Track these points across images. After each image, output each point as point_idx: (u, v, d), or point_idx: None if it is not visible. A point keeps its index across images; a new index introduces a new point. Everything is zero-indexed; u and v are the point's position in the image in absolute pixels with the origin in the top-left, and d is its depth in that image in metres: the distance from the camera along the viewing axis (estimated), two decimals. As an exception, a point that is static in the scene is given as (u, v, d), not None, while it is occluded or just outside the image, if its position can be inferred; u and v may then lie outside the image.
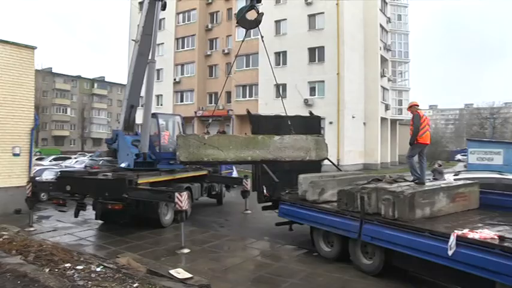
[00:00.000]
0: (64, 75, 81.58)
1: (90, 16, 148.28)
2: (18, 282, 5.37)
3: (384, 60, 40.13)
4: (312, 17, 35.50)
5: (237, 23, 12.85)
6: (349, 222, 8.30)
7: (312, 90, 35.28)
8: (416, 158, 9.51)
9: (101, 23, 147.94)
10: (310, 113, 14.02)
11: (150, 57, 13.73)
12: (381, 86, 38.91)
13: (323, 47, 34.47)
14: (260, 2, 12.53)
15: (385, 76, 39.76)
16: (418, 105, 9.42)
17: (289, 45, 36.15)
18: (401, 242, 7.18)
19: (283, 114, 12.57)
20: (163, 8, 14.60)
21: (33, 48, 15.94)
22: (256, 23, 12.10)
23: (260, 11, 11.93)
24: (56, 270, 6.29)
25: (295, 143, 10.40)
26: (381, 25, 39.47)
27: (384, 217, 7.69)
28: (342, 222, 8.50)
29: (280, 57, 37.14)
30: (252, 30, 39.79)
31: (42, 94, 69.82)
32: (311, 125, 12.86)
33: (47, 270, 6.20)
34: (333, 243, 9.13)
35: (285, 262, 9.21)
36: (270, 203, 11.15)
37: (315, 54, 35.10)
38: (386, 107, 40.49)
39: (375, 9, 38.46)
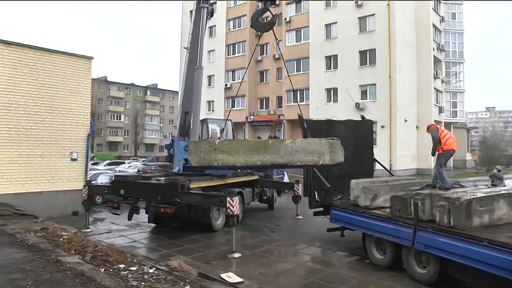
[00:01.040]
0: (118, 83, 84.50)
1: (142, 26, 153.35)
2: (77, 280, 5.60)
3: (437, 61, 38.79)
4: (362, 19, 35.05)
5: (251, 26, 12.87)
6: (402, 229, 8.06)
7: (364, 94, 34.76)
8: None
9: (153, 32, 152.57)
10: (362, 117, 13.79)
11: (197, 64, 13.98)
12: (434, 88, 37.60)
13: (374, 49, 33.94)
14: (274, 3, 12.38)
15: (438, 78, 38.44)
16: (433, 125, 9.82)
17: (340, 48, 35.85)
18: (457, 251, 6.89)
19: (335, 118, 12.49)
20: (211, 14, 14.84)
21: (90, 58, 16.68)
22: (270, 25, 12.03)
23: (274, 13, 11.95)
24: (111, 270, 6.50)
25: (308, 146, 10.16)
26: (433, 25, 38.22)
27: (438, 224, 7.41)
28: (394, 229, 8.27)
29: (331, 61, 36.91)
30: (302, 34, 39.91)
31: (97, 102, 72.46)
32: (363, 129, 12.66)
33: (103, 270, 6.42)
34: (386, 251, 8.87)
35: (337, 268, 9.09)
36: (321, 209, 10.98)
37: (366, 56, 34.59)
38: (440, 110, 39.05)
39: (427, 8, 37.29)
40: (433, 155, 9.66)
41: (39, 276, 5.72)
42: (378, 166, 12.89)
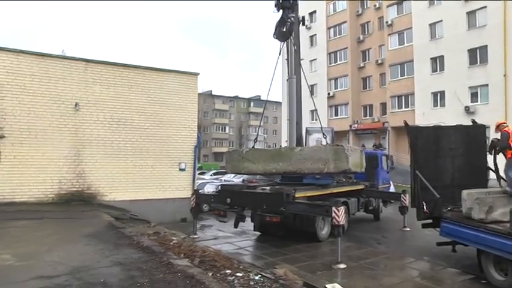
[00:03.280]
0: (223, 96, 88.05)
1: (241, 40, 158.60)
2: (187, 282, 5.85)
3: None
4: (471, 14, 32.78)
5: (273, 37, 12.99)
6: (527, 248, 7.07)
7: (474, 96, 32.47)
8: None
9: (253, 45, 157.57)
10: (473, 121, 12.83)
11: (289, 74, 14.03)
12: (562, 85, 33.77)
13: (485, 46, 31.50)
14: (292, 12, 12.37)
15: None
16: (505, 123, 9.31)
17: (447, 48, 33.92)
18: None
19: (443, 124, 11.82)
20: (302, 22, 14.83)
21: (196, 74, 17.61)
22: (289, 32, 12.28)
23: (300, 19, 12.43)
24: (218, 275, 6.66)
25: (314, 154, 10.15)
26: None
27: None
28: (517, 247, 7.32)
29: (437, 63, 35.12)
30: (405, 36, 38.44)
31: (203, 115, 76.22)
32: (474, 135, 11.77)
33: (210, 274, 6.58)
34: (507, 271, 7.88)
35: (448, 287, 8.46)
36: (430, 221, 10.37)
37: (476, 55, 32.28)
38: None
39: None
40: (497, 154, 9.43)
41: (153, 275, 6.12)
42: (492, 175, 11.88)
